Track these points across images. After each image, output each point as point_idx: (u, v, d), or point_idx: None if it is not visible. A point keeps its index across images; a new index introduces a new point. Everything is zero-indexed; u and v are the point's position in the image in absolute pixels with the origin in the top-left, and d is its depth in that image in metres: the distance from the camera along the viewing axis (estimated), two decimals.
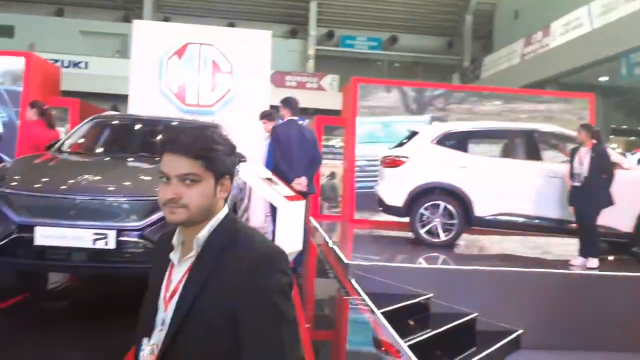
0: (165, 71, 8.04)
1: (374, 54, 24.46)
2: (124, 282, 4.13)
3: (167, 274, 1.24)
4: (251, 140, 6.43)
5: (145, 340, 1.20)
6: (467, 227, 6.25)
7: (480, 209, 6.09)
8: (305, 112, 13.49)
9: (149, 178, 3.81)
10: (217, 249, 1.19)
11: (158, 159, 1.23)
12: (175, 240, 1.24)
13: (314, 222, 7.70)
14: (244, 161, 4.60)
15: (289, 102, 5.29)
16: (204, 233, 1.20)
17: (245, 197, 6.19)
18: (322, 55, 23.30)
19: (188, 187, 1.17)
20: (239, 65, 8.10)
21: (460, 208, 6.06)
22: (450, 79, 22.08)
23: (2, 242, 3.37)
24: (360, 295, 4.41)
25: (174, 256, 1.24)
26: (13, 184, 3.49)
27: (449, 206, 6.07)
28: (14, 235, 3.35)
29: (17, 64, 7.93)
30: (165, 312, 1.20)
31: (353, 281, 4.68)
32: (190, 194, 1.17)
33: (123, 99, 17.35)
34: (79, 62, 19.58)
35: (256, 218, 7.17)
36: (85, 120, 4.93)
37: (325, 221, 8.62)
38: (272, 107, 8.42)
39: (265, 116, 5.85)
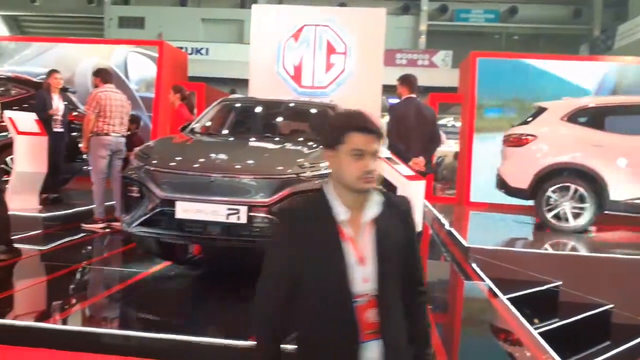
0: (282, 54, 8.29)
1: (491, 27, 23.14)
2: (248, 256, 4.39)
3: (340, 239, 1.45)
4: None
5: (352, 295, 1.42)
6: (600, 212, 5.75)
7: (617, 193, 5.56)
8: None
9: (274, 157, 3.98)
10: (386, 204, 1.51)
11: (279, 139, 1.39)
12: (340, 208, 1.47)
13: (427, 204, 7.56)
14: None
15: (407, 80, 5.18)
16: (378, 196, 1.51)
17: None
18: (434, 31, 22.52)
19: (375, 160, 1.45)
20: (353, 45, 8.10)
21: (593, 191, 5.58)
22: (576, 51, 20.25)
23: (148, 215, 3.73)
24: (482, 279, 4.26)
25: (345, 220, 1.46)
26: (156, 162, 3.83)
27: (580, 189, 5.61)
28: (158, 209, 3.69)
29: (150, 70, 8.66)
30: (364, 266, 1.45)
31: (474, 265, 4.54)
32: (377, 166, 1.46)
33: (240, 83, 18.18)
34: (201, 49, 20.85)
35: None
36: (214, 104, 5.24)
37: (438, 203, 8.42)
38: (385, 86, 8.37)
39: None
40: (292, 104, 5.40)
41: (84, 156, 6.34)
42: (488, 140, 8.05)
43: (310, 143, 4.18)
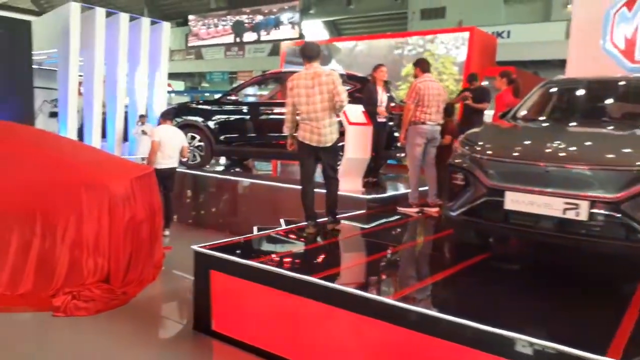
0: (610, 26, 7.13)
1: None
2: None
3: None
4: None
5: None
6: None
7: None
8: None
9: (621, 145, 3.39)
10: None
11: (624, 124, 0.95)
12: None
13: None
14: None
15: None
16: None
17: None
18: None
19: None
20: None
21: None
22: None
23: (474, 204, 3.65)
24: None
25: None
26: (484, 149, 3.71)
27: None
28: (485, 199, 3.57)
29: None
30: None
31: None
32: None
33: (542, 65, 16.65)
34: (502, 32, 19.94)
35: None
36: (538, 86, 4.83)
37: None
38: None
39: None
40: (635, 83, 4.55)
41: (398, 144, 6.76)
42: None
43: None
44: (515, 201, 3.40)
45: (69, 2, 10.30)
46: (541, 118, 4.43)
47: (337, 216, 4.80)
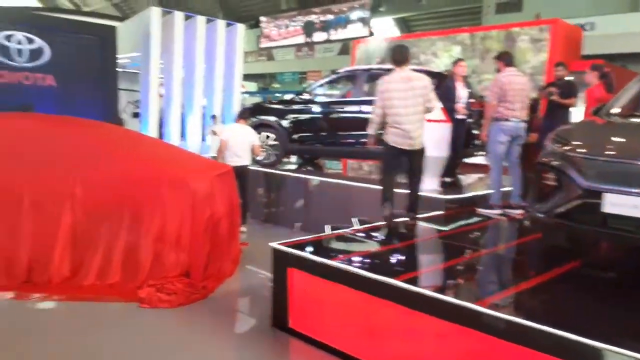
0: None
1: None
2: None
3: None
4: None
5: None
6: None
7: None
8: None
9: None
10: None
11: None
12: None
13: None
14: None
15: None
16: None
17: None
18: None
19: None
20: None
21: None
22: None
23: (567, 206, 3.41)
24: None
25: None
26: (578, 147, 3.46)
27: None
28: (580, 200, 3.32)
29: None
30: None
31: None
32: None
33: (630, 58, 15.53)
34: (584, 24, 18.78)
35: None
36: (635, 80, 4.45)
37: None
38: None
39: None
40: None
41: (476, 142, 6.50)
42: None
43: None
44: (616, 204, 3.13)
45: (150, 7, 10.79)
46: (638, 113, 4.07)
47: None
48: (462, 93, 6.42)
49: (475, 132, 6.59)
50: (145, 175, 4.77)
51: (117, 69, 10.09)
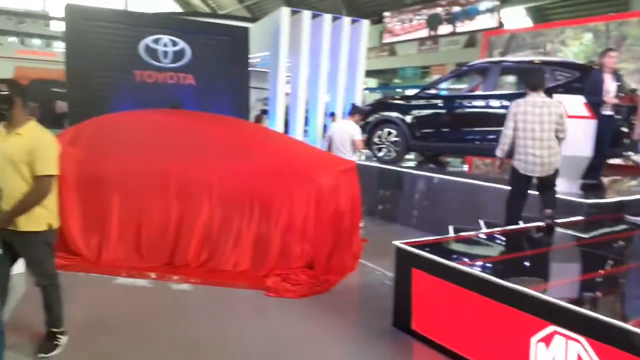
0: None
1: None
2: None
3: None
4: None
5: None
6: None
7: None
8: None
9: None
10: None
11: None
12: None
13: None
14: None
15: None
16: None
17: None
18: None
19: None
20: None
21: None
22: None
23: None
24: None
25: None
26: None
27: None
28: None
29: None
30: None
31: None
32: None
33: None
34: None
35: None
36: None
37: None
38: None
39: None
40: None
41: (625, 140, 5.84)
42: None
43: None
44: None
45: (280, 7, 11.22)
46: None
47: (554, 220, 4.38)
48: (610, 87, 5.76)
49: (624, 129, 5.91)
50: (275, 169, 4.97)
51: (248, 68, 10.68)
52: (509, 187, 4.81)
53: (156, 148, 5.14)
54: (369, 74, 24.99)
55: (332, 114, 11.61)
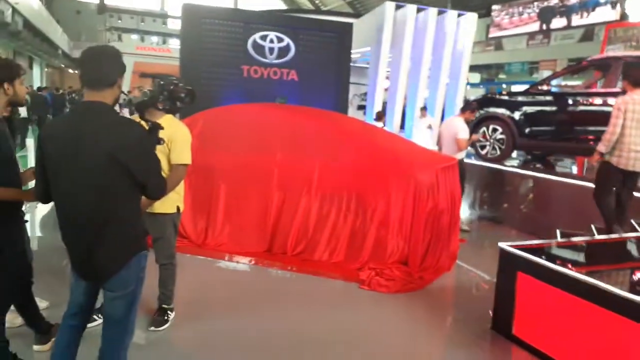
0: None
1: None
2: None
3: None
4: None
5: None
6: None
7: None
8: None
9: None
10: None
11: None
12: None
13: None
14: None
15: None
16: None
17: None
18: None
19: None
20: None
21: None
22: None
23: None
24: None
25: None
26: None
27: None
28: None
29: None
30: None
31: None
32: None
33: None
34: None
35: None
36: None
37: None
38: None
39: None
40: None
41: None
42: None
43: None
44: None
45: (384, 2, 11.16)
46: None
47: None
48: None
49: None
50: (374, 164, 4.97)
51: (350, 64, 10.76)
52: (594, 185, 4.86)
53: (262, 141, 5.36)
54: (472, 68, 24.05)
55: (423, 109, 11.30)
